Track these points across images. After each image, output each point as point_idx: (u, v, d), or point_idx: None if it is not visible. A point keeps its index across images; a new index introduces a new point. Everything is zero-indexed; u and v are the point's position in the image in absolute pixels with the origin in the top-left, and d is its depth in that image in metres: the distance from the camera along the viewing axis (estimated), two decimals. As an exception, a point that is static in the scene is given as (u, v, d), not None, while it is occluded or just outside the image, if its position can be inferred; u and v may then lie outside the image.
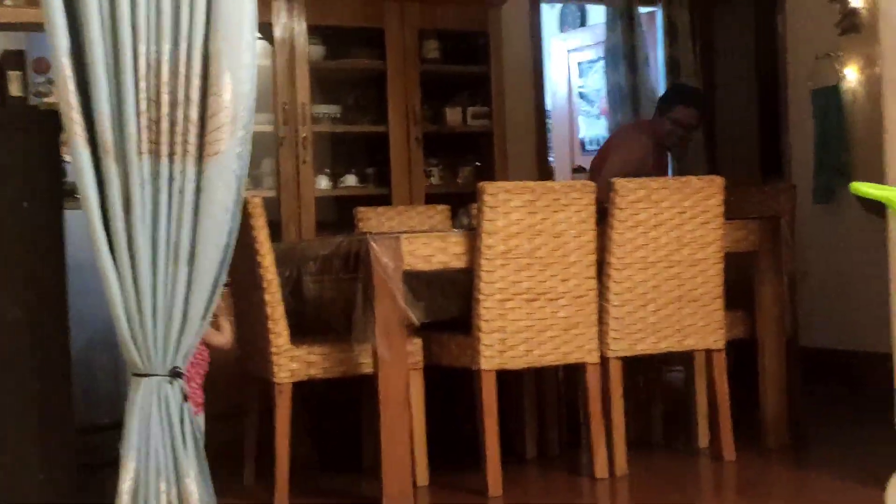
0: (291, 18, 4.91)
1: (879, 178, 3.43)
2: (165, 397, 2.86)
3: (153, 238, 2.84)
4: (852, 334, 5.27)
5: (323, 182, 5.09)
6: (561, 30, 7.83)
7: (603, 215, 3.73)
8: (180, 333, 2.88)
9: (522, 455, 4.10)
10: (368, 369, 3.57)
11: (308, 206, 4.92)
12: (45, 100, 4.29)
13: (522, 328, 3.58)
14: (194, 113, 2.86)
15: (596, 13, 7.34)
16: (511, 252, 3.55)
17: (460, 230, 3.82)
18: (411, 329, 3.55)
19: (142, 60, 2.82)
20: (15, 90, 4.15)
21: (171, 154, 2.84)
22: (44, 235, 3.32)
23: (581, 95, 7.41)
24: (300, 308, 3.83)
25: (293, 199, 4.89)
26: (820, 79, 5.45)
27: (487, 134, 5.37)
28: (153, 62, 2.83)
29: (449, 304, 3.74)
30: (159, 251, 2.85)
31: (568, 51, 7.44)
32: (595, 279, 3.68)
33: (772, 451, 4.02)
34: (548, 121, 6.68)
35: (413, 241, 3.50)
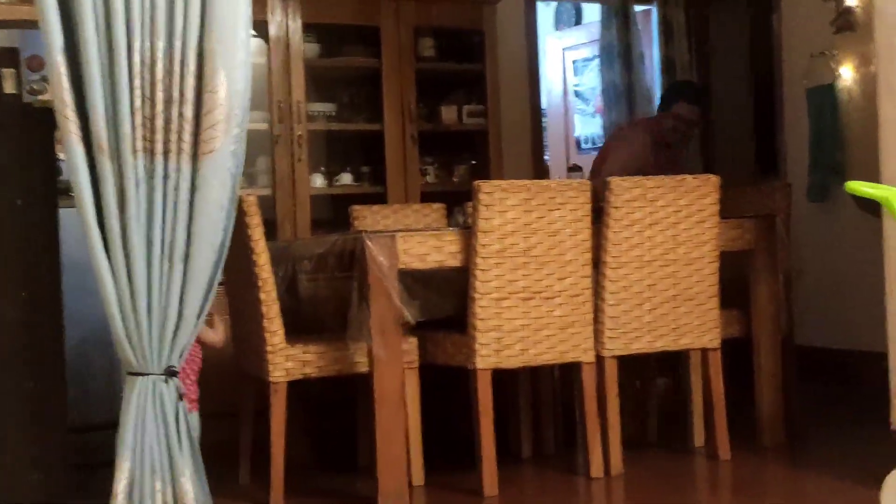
0: (286, 16, 4.90)
1: (874, 177, 3.43)
2: (160, 396, 2.85)
3: (148, 236, 2.84)
4: (848, 333, 5.28)
5: (318, 180, 5.08)
6: (556, 28, 7.83)
7: (599, 214, 3.72)
8: (175, 332, 2.87)
9: (518, 454, 4.10)
10: (364, 368, 3.56)
11: (303, 205, 4.91)
12: (40, 97, 4.28)
13: (518, 327, 3.58)
14: (189, 111, 2.85)
15: (591, 11, 7.33)
16: (507, 251, 3.55)
17: (456, 229, 3.81)
18: (406, 328, 3.54)
19: (136, 58, 2.82)
20: (9, 88, 4.13)
21: (166, 152, 2.84)
22: (38, 234, 3.32)
23: (576, 94, 7.40)
24: (295, 307, 3.82)
25: (288, 198, 4.88)
26: (815, 77, 5.46)
27: (483, 132, 5.37)
28: (147, 60, 2.83)
29: (444, 303, 3.73)
30: (154, 249, 2.84)
31: (563, 49, 7.42)
32: (591, 278, 3.68)
33: (767, 450, 4.02)
34: (543, 119, 6.68)
35: (408, 240, 3.50)
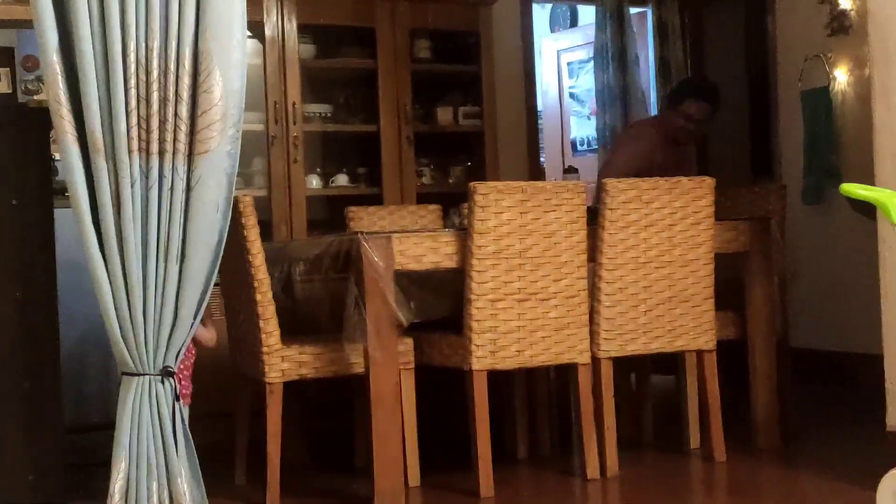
0: (282, 17, 4.90)
1: (868, 180, 3.44)
2: (157, 396, 2.85)
3: (144, 236, 2.83)
4: (842, 335, 5.29)
5: (314, 181, 5.08)
6: (551, 30, 7.84)
7: (595, 215, 3.73)
8: (171, 332, 2.87)
9: (514, 455, 4.10)
10: (360, 369, 3.56)
11: (299, 206, 4.91)
12: (35, 97, 4.28)
13: (514, 328, 3.58)
14: (184, 111, 2.85)
15: (586, 13, 7.34)
16: (502, 252, 3.55)
17: (452, 230, 3.81)
18: (402, 329, 3.54)
19: (131, 58, 2.81)
20: (4, 87, 4.13)
21: (162, 152, 2.83)
22: (34, 233, 3.31)
23: (572, 96, 7.41)
24: (291, 307, 3.82)
25: (284, 199, 4.87)
26: (809, 80, 5.47)
27: (478, 133, 5.37)
28: (143, 59, 2.82)
29: (440, 304, 3.73)
30: (150, 250, 2.84)
31: (558, 51, 7.43)
32: (586, 279, 3.68)
33: (762, 452, 4.02)
34: (539, 121, 6.68)
35: (404, 241, 3.50)
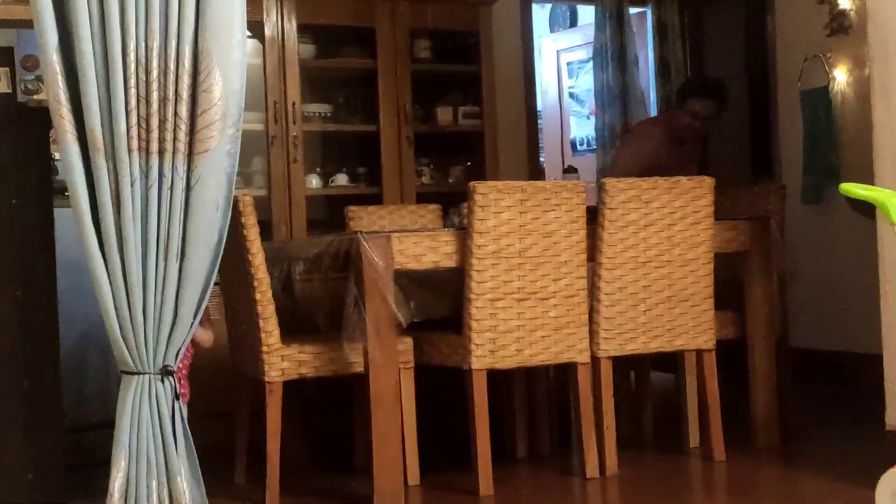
0: (282, 17, 4.90)
1: (868, 179, 3.44)
2: (156, 395, 2.85)
3: (143, 236, 2.83)
4: (842, 335, 5.29)
5: (314, 181, 5.08)
6: (551, 30, 7.84)
7: (594, 215, 3.73)
8: (171, 331, 2.87)
9: (513, 455, 4.10)
10: (359, 368, 3.56)
11: (299, 205, 4.91)
12: (35, 97, 4.28)
13: (513, 328, 3.58)
14: (184, 110, 2.85)
15: (586, 13, 7.35)
16: (502, 252, 3.55)
17: (451, 229, 3.81)
18: (401, 328, 3.54)
19: (131, 57, 2.81)
20: (4, 87, 4.13)
21: (162, 151, 2.84)
22: (34, 233, 3.31)
23: (571, 95, 7.41)
24: (291, 307, 3.82)
25: (284, 198, 4.88)
26: (809, 80, 5.47)
27: (478, 133, 5.37)
28: (143, 59, 2.82)
29: (440, 304, 3.74)
30: (149, 249, 2.84)
31: (558, 51, 7.44)
32: (586, 279, 3.68)
33: (762, 451, 4.02)
34: (538, 121, 6.69)
35: (404, 240, 3.50)
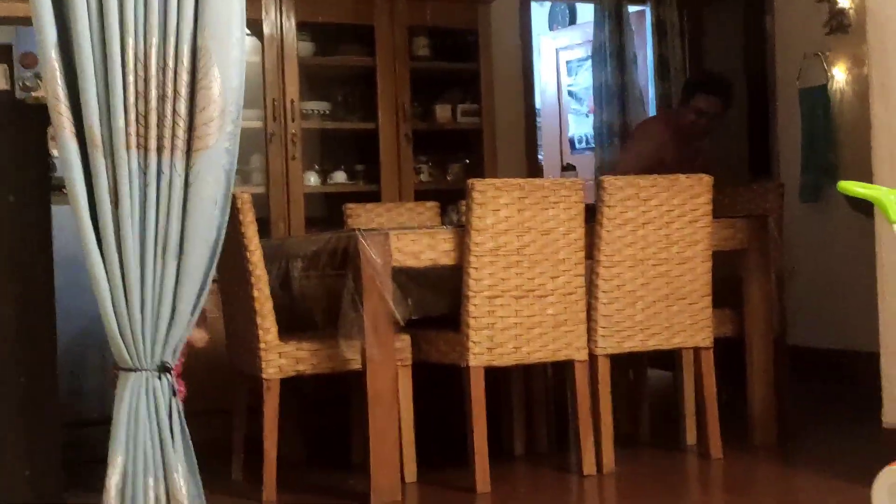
0: (280, 14, 4.90)
1: (866, 178, 3.44)
2: (154, 392, 2.85)
3: (142, 232, 2.83)
4: (840, 333, 5.29)
5: (312, 178, 5.08)
6: (550, 28, 7.84)
7: (593, 213, 3.73)
8: (169, 328, 2.87)
9: (511, 452, 4.10)
10: (357, 366, 3.56)
11: (297, 203, 4.91)
12: (33, 94, 4.28)
13: (511, 325, 3.58)
14: (182, 107, 2.85)
15: (585, 11, 7.34)
16: (500, 249, 3.55)
17: (449, 227, 3.82)
18: (399, 326, 3.55)
19: (130, 54, 2.81)
20: (2, 84, 4.14)
21: (160, 148, 2.83)
22: (31, 230, 3.31)
23: (570, 94, 7.42)
24: (289, 304, 3.82)
25: (282, 196, 4.88)
26: (808, 78, 5.47)
27: (477, 131, 5.37)
28: (141, 56, 2.82)
29: (438, 301, 3.74)
30: (147, 246, 2.84)
31: (557, 49, 7.44)
32: (584, 277, 3.69)
33: (759, 449, 4.03)
34: (537, 119, 6.68)
35: (402, 238, 3.50)
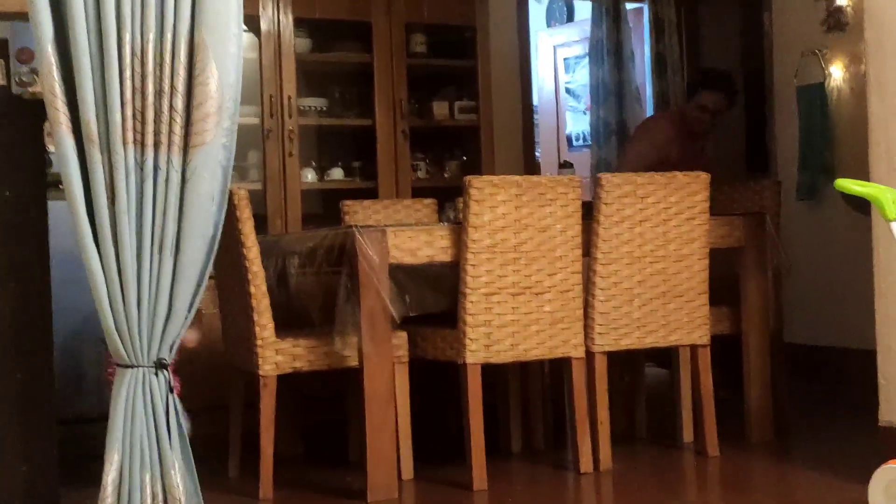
0: (278, 11, 4.89)
1: (863, 175, 3.44)
2: (150, 388, 2.84)
3: (138, 228, 2.83)
4: (836, 330, 5.30)
5: (309, 175, 5.08)
6: (548, 25, 7.83)
7: (590, 210, 3.73)
8: (165, 325, 2.86)
9: (507, 449, 4.10)
10: (354, 363, 3.56)
11: (294, 199, 4.91)
12: (29, 89, 4.27)
13: (508, 322, 3.58)
14: (180, 103, 2.84)
15: (583, 9, 7.34)
16: (497, 246, 3.55)
17: (446, 224, 3.82)
18: (396, 323, 3.54)
19: (126, 49, 2.80)
20: (-2, 79, 4.12)
21: (157, 144, 2.83)
22: (27, 226, 3.30)
23: (568, 91, 7.41)
24: (285, 301, 3.82)
25: (279, 192, 4.87)
26: (805, 76, 5.47)
27: (474, 128, 5.37)
28: (138, 51, 2.81)
29: (435, 298, 3.74)
30: (144, 242, 2.83)
31: (554, 46, 7.43)
32: (581, 274, 3.69)
33: (756, 446, 4.03)
34: (535, 116, 6.68)
35: (399, 235, 3.50)
